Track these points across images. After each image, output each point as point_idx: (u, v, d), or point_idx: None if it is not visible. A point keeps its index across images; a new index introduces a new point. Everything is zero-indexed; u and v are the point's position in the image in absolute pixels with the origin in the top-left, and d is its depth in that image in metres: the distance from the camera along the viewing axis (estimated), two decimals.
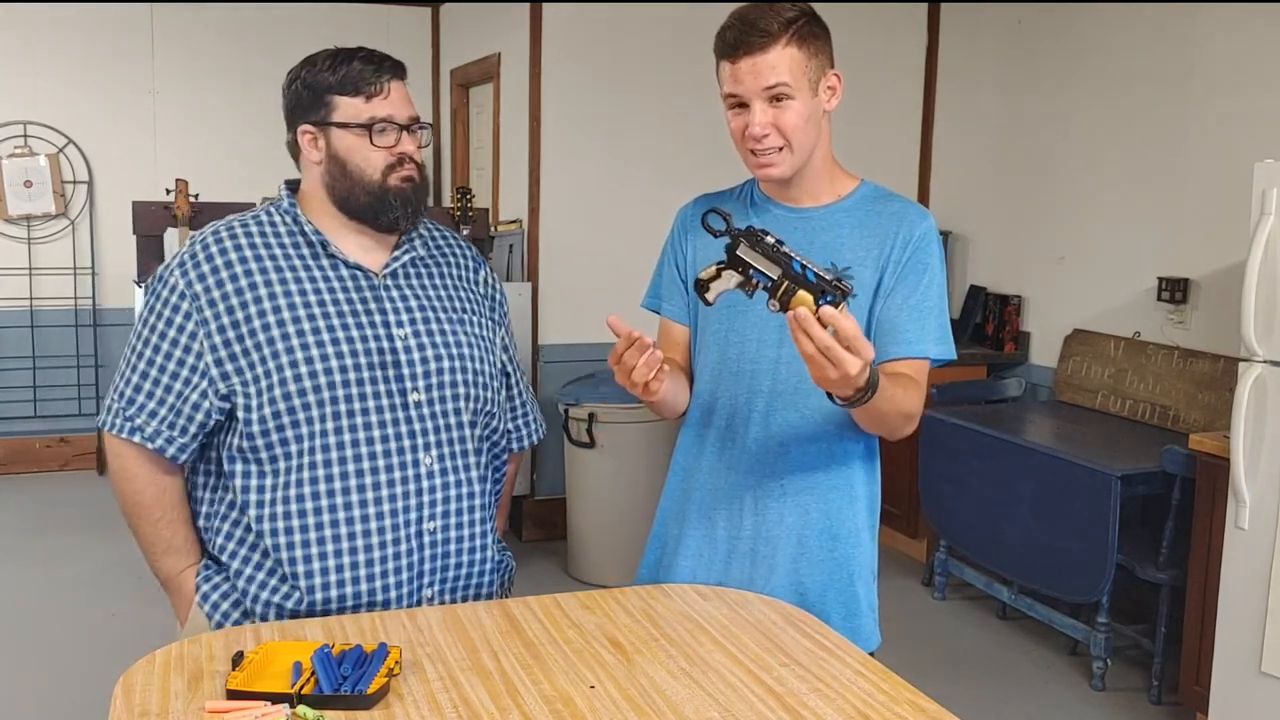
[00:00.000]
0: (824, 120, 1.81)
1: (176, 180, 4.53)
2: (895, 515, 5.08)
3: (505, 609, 1.75)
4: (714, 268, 1.60)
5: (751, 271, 1.56)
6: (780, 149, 1.77)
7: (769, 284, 1.55)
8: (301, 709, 1.37)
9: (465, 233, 4.64)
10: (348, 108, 1.73)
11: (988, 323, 5.10)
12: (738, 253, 1.58)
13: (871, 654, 1.88)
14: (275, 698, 1.40)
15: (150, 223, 4.48)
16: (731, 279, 1.58)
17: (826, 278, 1.52)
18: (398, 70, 1.77)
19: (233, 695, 1.41)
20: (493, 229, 5.32)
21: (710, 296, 1.61)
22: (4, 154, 5.94)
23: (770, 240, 1.56)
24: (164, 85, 6.15)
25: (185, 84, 6.12)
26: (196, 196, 4.50)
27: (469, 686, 1.48)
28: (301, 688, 1.42)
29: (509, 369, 1.98)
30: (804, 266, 1.53)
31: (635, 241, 4.98)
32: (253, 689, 1.42)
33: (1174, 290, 4.13)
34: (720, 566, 1.90)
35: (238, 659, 1.48)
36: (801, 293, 1.52)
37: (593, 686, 1.50)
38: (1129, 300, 4.38)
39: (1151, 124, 4.29)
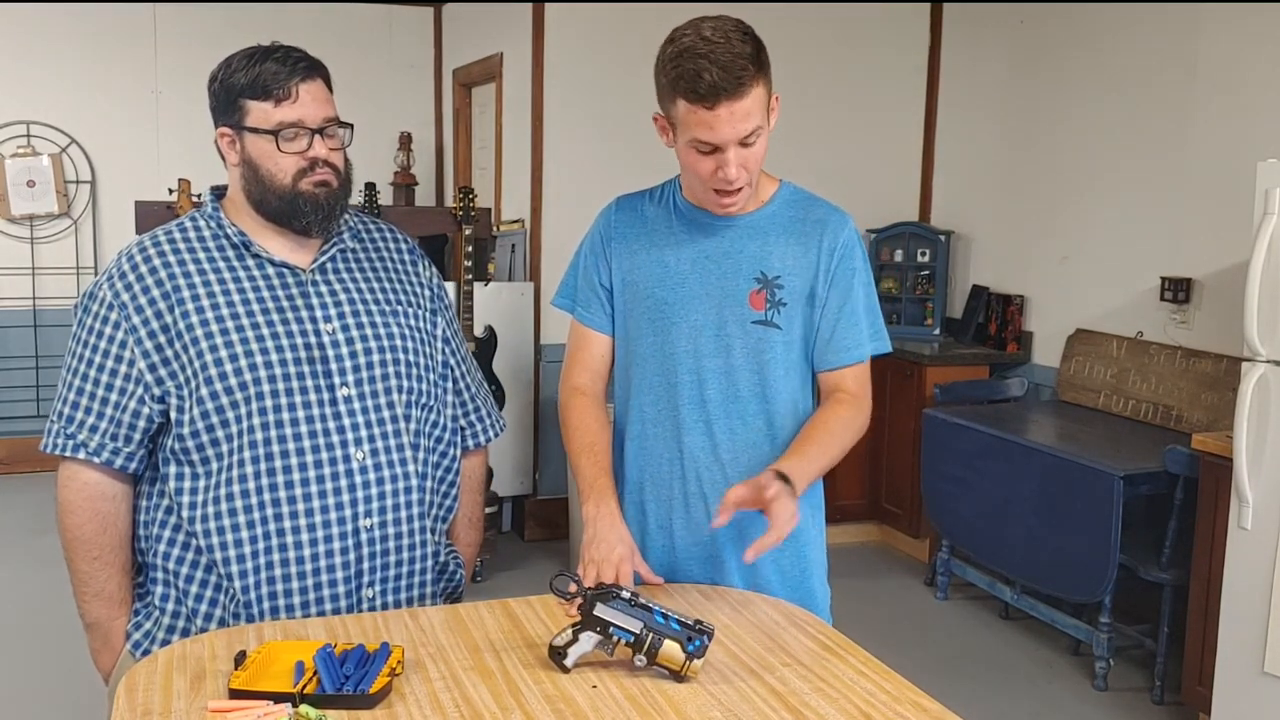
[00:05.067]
0: None
1: (179, 180, 4.54)
2: (897, 515, 5.08)
3: (507, 608, 1.75)
4: (569, 631, 1.54)
5: (612, 629, 1.52)
6: (744, 188, 1.77)
7: (631, 639, 1.52)
8: (304, 708, 1.37)
9: (468, 232, 4.64)
10: (257, 112, 1.70)
11: (990, 322, 5.10)
12: (594, 612, 1.53)
13: None
14: (278, 697, 1.40)
15: (153, 222, 4.46)
16: (590, 640, 1.53)
17: (688, 622, 1.51)
18: (312, 71, 1.72)
19: (235, 695, 1.41)
20: (495, 228, 5.33)
21: (569, 663, 1.53)
22: (7, 154, 5.95)
23: (626, 595, 1.53)
24: (167, 85, 6.16)
25: (188, 83, 6.09)
26: (199, 196, 4.50)
27: (471, 686, 1.48)
28: (304, 687, 1.42)
29: (452, 362, 1.93)
30: (665, 615, 1.52)
31: None
32: (255, 688, 1.42)
33: (1177, 290, 4.13)
34: (681, 573, 1.91)
35: (240, 658, 1.48)
36: (668, 642, 1.50)
37: (595, 686, 1.50)
38: (1132, 300, 4.38)
39: (1154, 123, 4.28)
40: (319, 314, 1.75)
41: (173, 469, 1.72)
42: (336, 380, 1.74)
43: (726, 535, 1.86)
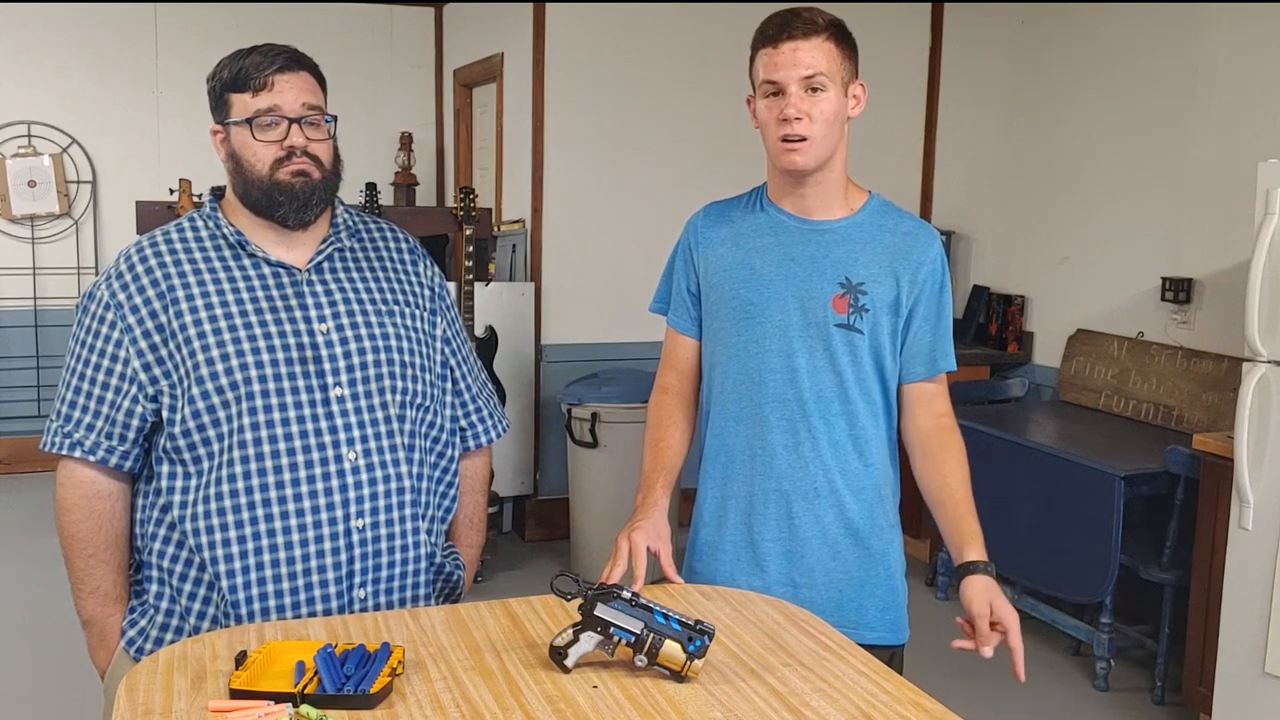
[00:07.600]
0: (846, 127, 1.88)
1: (180, 180, 4.54)
2: None
3: (508, 609, 1.75)
4: (570, 631, 1.53)
5: (613, 629, 1.52)
6: (808, 139, 1.81)
7: (632, 640, 1.52)
8: (305, 708, 1.37)
9: (469, 232, 4.64)
10: (239, 104, 1.72)
11: (991, 323, 5.10)
12: (595, 612, 1.53)
13: (903, 646, 1.98)
14: (278, 697, 1.40)
15: (154, 223, 4.47)
16: (590, 640, 1.52)
17: (689, 622, 1.51)
18: (292, 63, 1.73)
19: (236, 695, 1.41)
20: (496, 229, 5.32)
21: (569, 664, 1.52)
22: (8, 154, 5.95)
23: (627, 595, 1.54)
24: (168, 85, 6.16)
25: (189, 83, 6.11)
26: (200, 196, 4.50)
27: (472, 686, 1.48)
28: (305, 687, 1.42)
29: (452, 363, 1.92)
30: (666, 616, 1.52)
31: (638, 241, 4.98)
32: (256, 688, 1.42)
33: (1178, 290, 4.12)
34: (759, 570, 1.93)
35: (241, 658, 1.48)
36: (669, 642, 1.50)
37: (595, 686, 1.50)
38: (1133, 300, 4.38)
39: (1155, 123, 4.28)
40: (313, 314, 1.75)
41: (165, 468, 1.73)
42: (330, 380, 1.73)
43: (810, 531, 1.91)
